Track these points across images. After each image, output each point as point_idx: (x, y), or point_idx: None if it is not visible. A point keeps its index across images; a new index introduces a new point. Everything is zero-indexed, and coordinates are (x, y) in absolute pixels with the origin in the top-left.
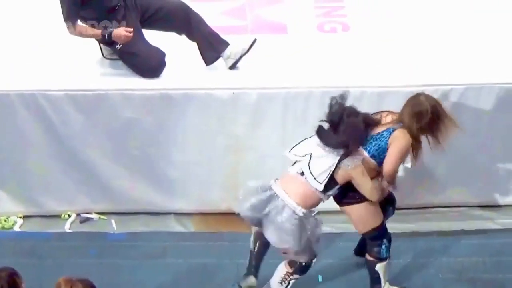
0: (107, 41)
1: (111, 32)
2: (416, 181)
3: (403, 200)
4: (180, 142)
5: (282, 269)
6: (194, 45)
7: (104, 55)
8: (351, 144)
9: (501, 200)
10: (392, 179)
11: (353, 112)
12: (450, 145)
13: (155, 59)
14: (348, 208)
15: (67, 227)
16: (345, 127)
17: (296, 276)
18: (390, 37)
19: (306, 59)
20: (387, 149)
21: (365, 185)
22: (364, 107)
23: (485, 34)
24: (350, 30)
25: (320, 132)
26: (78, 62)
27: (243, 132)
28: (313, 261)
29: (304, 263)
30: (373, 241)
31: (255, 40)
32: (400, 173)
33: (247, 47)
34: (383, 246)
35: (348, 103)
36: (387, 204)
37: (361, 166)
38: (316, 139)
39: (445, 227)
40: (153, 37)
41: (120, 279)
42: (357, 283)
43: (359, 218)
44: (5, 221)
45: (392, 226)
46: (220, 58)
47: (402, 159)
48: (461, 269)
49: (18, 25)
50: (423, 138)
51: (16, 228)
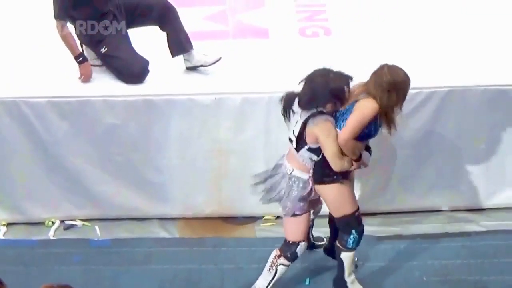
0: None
1: (84, 61)
2: (400, 185)
3: (388, 204)
4: (164, 148)
5: (272, 254)
6: None
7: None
8: (313, 100)
9: (485, 203)
10: (347, 149)
11: (324, 73)
12: (434, 149)
13: (139, 65)
14: (321, 188)
15: (51, 234)
16: (309, 84)
17: (283, 261)
18: (372, 41)
19: (289, 64)
20: None
21: (328, 147)
22: None
23: (469, 37)
24: (332, 34)
25: (292, 94)
26: (61, 69)
27: (226, 137)
28: (300, 248)
29: (292, 247)
30: (343, 230)
31: (220, 59)
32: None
33: (209, 62)
34: (351, 237)
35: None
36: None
37: (327, 125)
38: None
39: (429, 230)
40: (136, 43)
41: (105, 286)
42: None
43: (332, 200)
44: None
45: (377, 230)
46: (182, 56)
47: (359, 128)
48: (446, 272)
49: None
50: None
51: (0, 236)
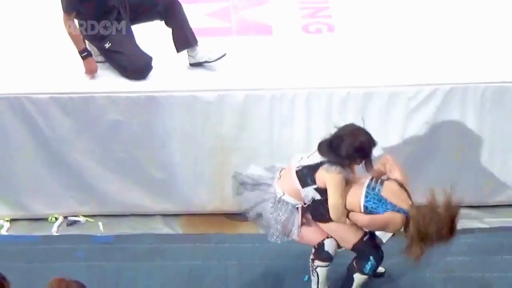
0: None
1: (88, 56)
2: None
3: None
4: (167, 144)
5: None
6: None
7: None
8: (337, 156)
9: (488, 200)
10: (337, 217)
11: (354, 128)
12: (437, 146)
13: (142, 61)
14: (322, 225)
15: (54, 230)
16: (337, 134)
17: (319, 263)
18: (375, 38)
19: (292, 60)
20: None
21: (332, 197)
22: (350, 108)
23: (471, 34)
24: (335, 31)
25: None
26: (64, 65)
27: (229, 134)
28: (327, 245)
29: (320, 248)
30: (361, 257)
31: (224, 55)
32: None
33: (214, 58)
34: (369, 263)
35: (335, 105)
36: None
37: (338, 178)
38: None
39: None
40: (140, 40)
41: (108, 282)
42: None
43: (336, 235)
44: None
45: None
46: (186, 51)
47: (378, 226)
48: (449, 269)
49: (2, 28)
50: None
51: (3, 232)
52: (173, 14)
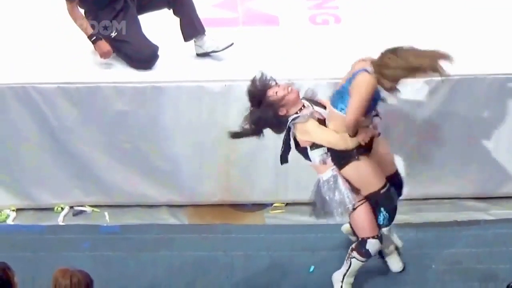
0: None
1: (98, 39)
2: (409, 173)
3: None
4: (172, 135)
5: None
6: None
7: None
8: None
9: (494, 191)
10: (353, 129)
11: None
12: (443, 137)
13: (148, 50)
14: (343, 172)
15: (60, 220)
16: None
17: (356, 256)
18: (382, 29)
19: (298, 51)
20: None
21: (321, 140)
22: None
23: (478, 26)
24: (342, 22)
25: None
26: (70, 55)
27: (235, 124)
28: (370, 244)
29: (363, 244)
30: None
31: (232, 44)
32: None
33: (221, 47)
34: (381, 215)
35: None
36: (392, 186)
37: (302, 126)
38: None
39: (438, 218)
40: (146, 29)
41: (113, 272)
42: None
43: (355, 180)
44: None
45: None
46: (194, 42)
47: (364, 107)
48: (455, 260)
49: (9, 18)
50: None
51: (9, 221)
52: (181, 3)
